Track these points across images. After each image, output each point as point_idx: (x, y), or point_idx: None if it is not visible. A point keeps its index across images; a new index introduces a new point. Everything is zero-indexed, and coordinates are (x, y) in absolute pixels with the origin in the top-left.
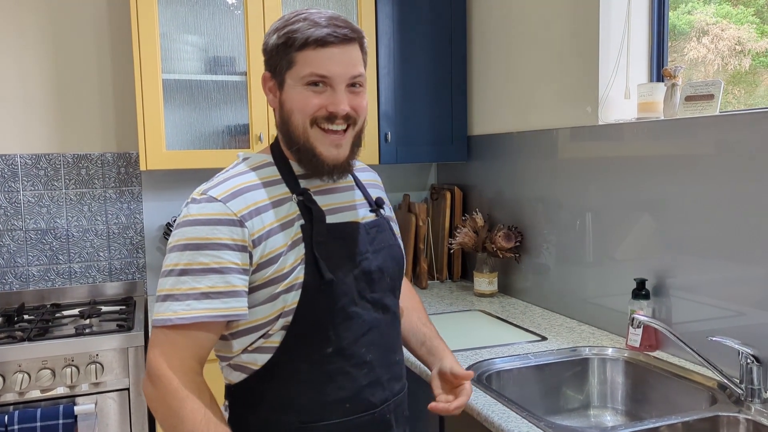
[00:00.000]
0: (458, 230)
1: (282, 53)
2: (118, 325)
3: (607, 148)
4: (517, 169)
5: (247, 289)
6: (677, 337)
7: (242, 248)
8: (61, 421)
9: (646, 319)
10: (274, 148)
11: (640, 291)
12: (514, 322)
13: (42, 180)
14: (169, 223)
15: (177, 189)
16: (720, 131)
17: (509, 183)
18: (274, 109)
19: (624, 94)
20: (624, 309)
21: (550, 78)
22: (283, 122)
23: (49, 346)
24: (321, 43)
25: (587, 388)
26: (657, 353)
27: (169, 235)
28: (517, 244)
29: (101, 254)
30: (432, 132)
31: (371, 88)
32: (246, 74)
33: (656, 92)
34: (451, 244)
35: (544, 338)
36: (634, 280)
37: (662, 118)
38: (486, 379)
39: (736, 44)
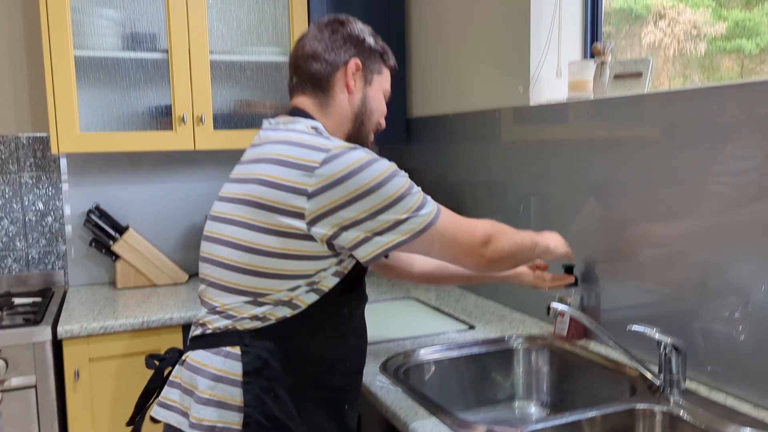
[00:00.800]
0: None
1: (377, 58)
2: (24, 319)
3: (541, 130)
4: (458, 152)
5: None
6: (596, 326)
7: None
8: None
9: (562, 307)
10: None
11: None
12: (446, 311)
13: None
14: (91, 210)
15: (101, 174)
16: (648, 110)
17: (451, 167)
18: (349, 93)
19: (556, 72)
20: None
21: (485, 56)
22: (360, 113)
23: None
24: (395, 71)
25: (512, 379)
26: (584, 342)
27: (90, 223)
28: None
29: (17, 243)
30: None
31: None
32: (167, 52)
33: (586, 70)
34: None
35: (472, 327)
36: (562, 266)
37: (592, 97)
38: (403, 372)
39: (692, 28)
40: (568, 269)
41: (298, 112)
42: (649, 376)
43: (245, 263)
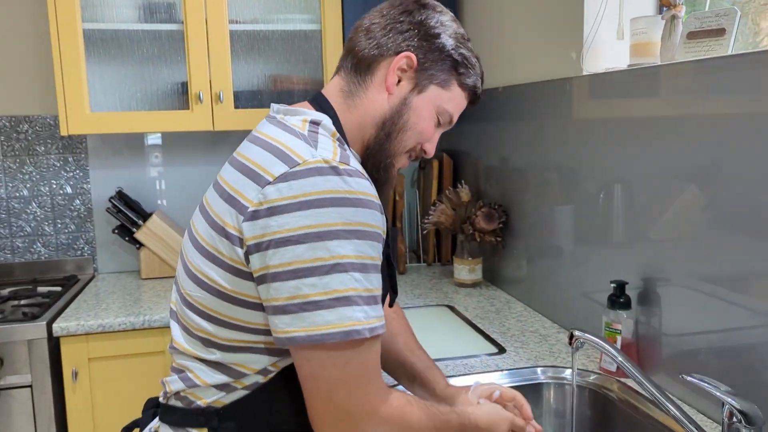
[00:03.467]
0: (434, 207)
1: (447, 67)
2: (23, 313)
3: (600, 104)
4: (521, 132)
5: None
6: (637, 371)
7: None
8: None
9: (588, 338)
10: (335, 126)
11: (617, 298)
12: (480, 326)
13: None
14: (113, 196)
15: (126, 156)
16: (732, 79)
17: (512, 149)
18: (389, 92)
19: (617, 33)
20: None
21: (534, 17)
22: (390, 122)
23: None
24: (473, 100)
25: (540, 423)
26: None
27: (116, 210)
28: (501, 225)
29: (46, 228)
30: None
31: (339, 38)
32: (183, 23)
33: (652, 29)
34: (425, 223)
35: (502, 350)
36: (611, 283)
37: (658, 62)
38: None
39: None
40: (619, 288)
41: (316, 100)
42: None
43: (202, 303)
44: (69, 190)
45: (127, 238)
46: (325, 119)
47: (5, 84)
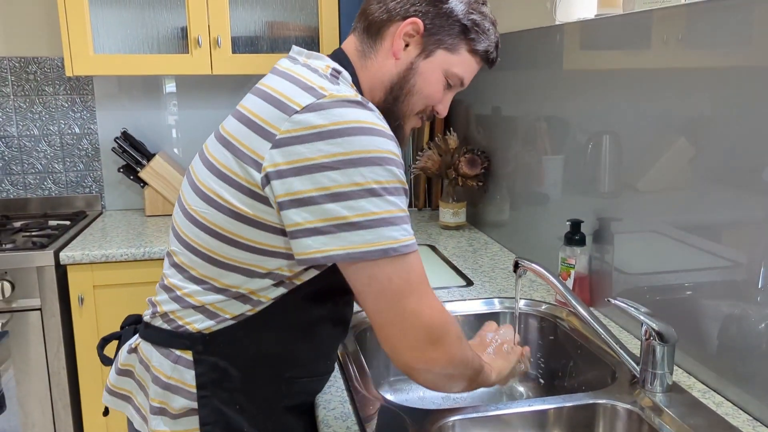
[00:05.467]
0: (421, 152)
1: (455, 32)
2: (33, 243)
3: (572, 54)
4: (512, 81)
5: None
6: (570, 295)
7: None
8: None
9: (528, 265)
10: (354, 82)
11: (573, 235)
12: (455, 263)
13: None
14: (124, 132)
15: (132, 97)
16: (685, 30)
17: (504, 98)
18: (395, 57)
19: None
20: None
21: None
22: (397, 86)
23: None
24: (488, 63)
25: None
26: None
27: (121, 150)
28: (483, 170)
29: (56, 166)
30: None
31: None
32: None
33: None
34: (412, 168)
35: (470, 283)
36: (567, 222)
37: (621, 12)
38: (359, 334)
39: None
40: (575, 225)
41: (336, 55)
42: (632, 365)
43: (208, 219)
44: (77, 129)
45: (132, 177)
46: (345, 72)
47: (14, 25)
